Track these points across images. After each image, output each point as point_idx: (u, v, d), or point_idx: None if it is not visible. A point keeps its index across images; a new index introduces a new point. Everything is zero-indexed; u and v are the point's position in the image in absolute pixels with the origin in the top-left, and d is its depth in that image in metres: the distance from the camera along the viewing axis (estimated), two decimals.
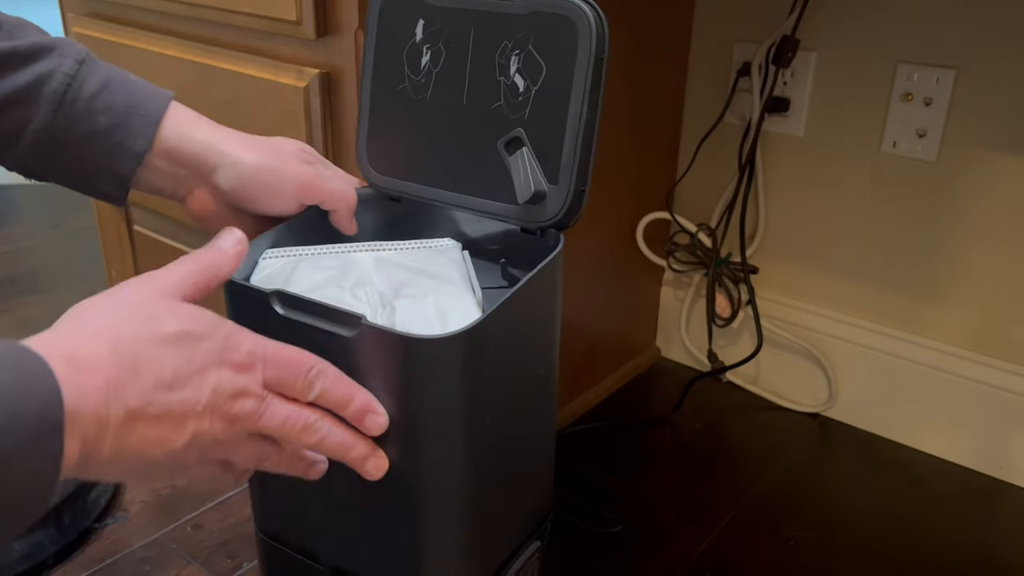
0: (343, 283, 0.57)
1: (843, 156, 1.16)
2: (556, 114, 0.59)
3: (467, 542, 0.57)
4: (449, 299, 0.57)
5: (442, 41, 0.61)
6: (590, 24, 0.58)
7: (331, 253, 0.60)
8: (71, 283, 1.68)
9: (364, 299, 0.55)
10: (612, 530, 1.03)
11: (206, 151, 0.59)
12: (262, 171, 0.60)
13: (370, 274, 0.59)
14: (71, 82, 0.54)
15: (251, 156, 0.60)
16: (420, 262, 0.61)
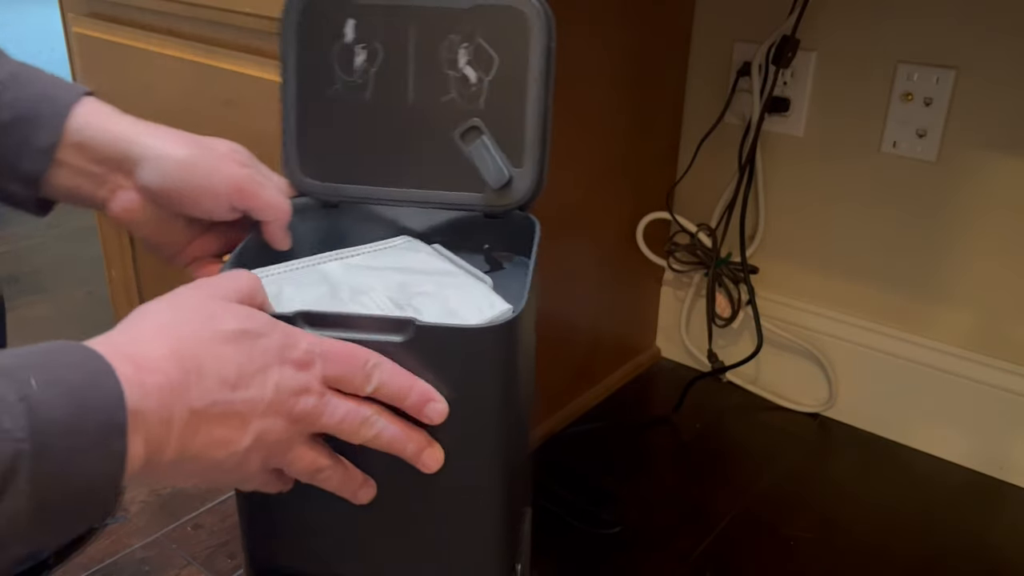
0: (339, 295, 0.55)
1: (843, 156, 1.16)
2: (514, 101, 0.61)
3: (504, 532, 0.57)
4: (465, 290, 0.56)
5: (378, 40, 0.61)
6: (540, 14, 0.59)
7: (302, 268, 0.59)
8: (71, 283, 1.68)
9: (376, 306, 0.55)
10: (610, 531, 1.03)
11: (125, 144, 0.54)
12: (193, 168, 0.56)
13: (364, 281, 0.58)
14: None
15: (179, 150, 0.56)
16: (402, 261, 0.61)
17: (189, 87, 0.94)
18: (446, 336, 0.49)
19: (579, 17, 1.03)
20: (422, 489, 0.53)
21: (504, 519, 0.56)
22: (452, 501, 0.54)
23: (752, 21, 1.17)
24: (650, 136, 1.24)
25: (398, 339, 0.49)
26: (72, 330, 1.49)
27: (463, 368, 0.50)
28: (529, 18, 0.59)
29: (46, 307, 1.58)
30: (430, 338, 0.49)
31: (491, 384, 0.51)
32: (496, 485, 0.55)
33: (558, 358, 1.20)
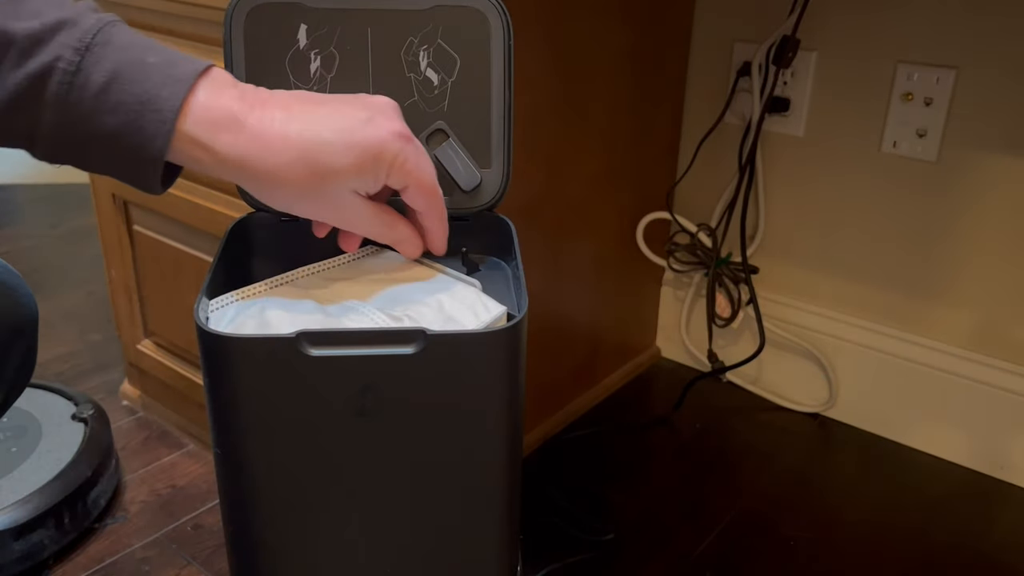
0: (329, 312, 0.54)
1: (843, 156, 1.16)
2: (478, 102, 0.60)
3: (509, 536, 0.57)
4: (456, 294, 0.56)
5: (334, 44, 0.59)
6: (499, 13, 0.58)
7: (279, 287, 0.57)
8: (71, 283, 1.68)
9: (370, 321, 0.54)
10: (603, 539, 1.03)
11: (232, 176, 0.50)
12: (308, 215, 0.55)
13: (349, 295, 0.56)
14: (72, 79, 0.46)
15: (293, 202, 0.52)
16: (380, 271, 0.60)
17: None
18: (456, 344, 0.49)
19: (579, 17, 1.03)
20: (428, 494, 0.53)
21: (510, 522, 0.57)
22: (458, 504, 0.54)
23: (752, 21, 1.17)
24: (650, 136, 1.24)
25: (409, 351, 0.48)
26: (72, 330, 1.49)
27: (473, 373, 0.50)
28: (489, 18, 0.59)
29: (46, 307, 1.58)
30: (440, 347, 0.49)
31: (499, 387, 0.51)
32: (503, 487, 0.55)
33: (558, 358, 1.20)
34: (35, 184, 2.21)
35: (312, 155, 0.49)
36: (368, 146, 0.50)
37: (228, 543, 0.57)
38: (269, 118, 0.49)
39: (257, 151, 0.48)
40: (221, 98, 0.48)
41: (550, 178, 1.08)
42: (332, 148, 0.49)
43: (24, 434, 1.07)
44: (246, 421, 0.50)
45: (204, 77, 0.48)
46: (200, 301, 0.52)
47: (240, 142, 0.48)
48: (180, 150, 0.48)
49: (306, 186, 0.50)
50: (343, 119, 0.50)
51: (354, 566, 0.56)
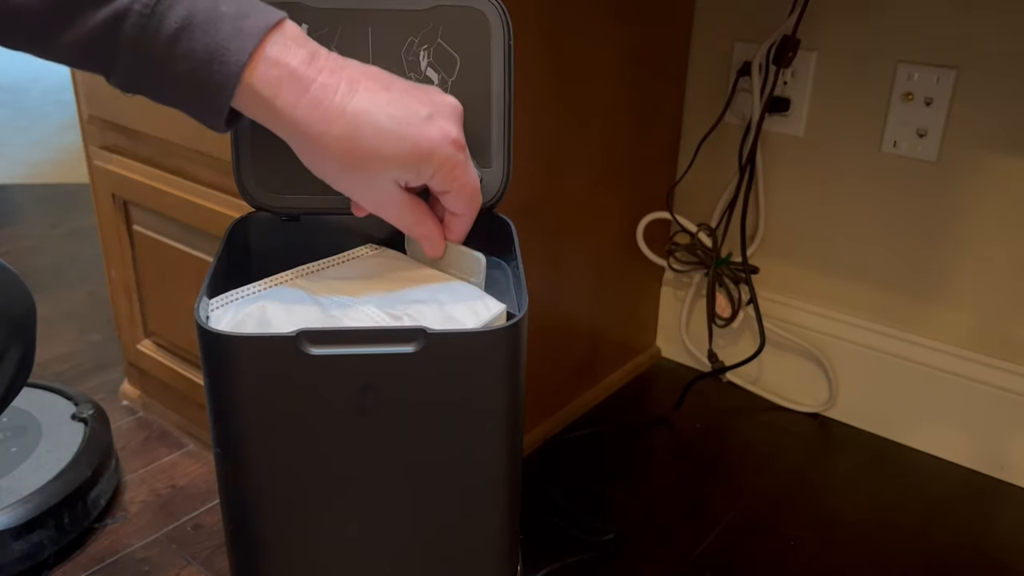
0: (328, 310, 0.54)
1: (843, 156, 1.16)
2: (478, 102, 0.60)
3: (510, 534, 0.57)
4: (456, 293, 0.56)
5: (334, 44, 0.59)
6: (499, 13, 0.58)
7: (280, 285, 0.57)
8: (71, 283, 1.68)
9: (370, 320, 0.54)
10: (603, 539, 1.03)
11: (288, 138, 0.52)
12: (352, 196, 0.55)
13: (348, 294, 0.56)
14: (147, 23, 0.46)
15: (341, 180, 0.53)
16: (379, 270, 0.60)
17: None
18: (456, 343, 0.49)
19: (579, 17, 1.03)
20: (428, 493, 0.53)
21: (510, 522, 0.57)
22: (458, 504, 0.54)
23: (752, 21, 1.17)
24: (650, 136, 1.24)
25: (409, 349, 0.49)
26: (72, 330, 1.49)
27: (474, 372, 0.50)
28: (490, 18, 0.59)
29: (46, 307, 1.58)
30: (441, 346, 0.49)
31: (500, 385, 0.51)
32: (503, 487, 0.55)
33: (558, 358, 1.20)
34: (35, 184, 2.21)
35: (362, 136, 0.50)
36: (419, 143, 0.51)
37: (228, 543, 0.57)
38: (333, 87, 0.49)
39: (312, 118, 0.49)
40: (288, 56, 0.49)
41: (550, 178, 1.08)
42: (383, 135, 0.50)
43: (24, 434, 1.07)
44: (246, 421, 0.50)
45: (275, 32, 0.48)
46: (200, 301, 0.52)
47: (299, 105, 0.49)
48: (243, 99, 0.49)
49: (348, 164, 0.51)
50: (404, 109, 0.51)
51: (354, 566, 0.56)
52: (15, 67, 3.42)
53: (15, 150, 2.46)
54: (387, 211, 0.55)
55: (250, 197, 0.60)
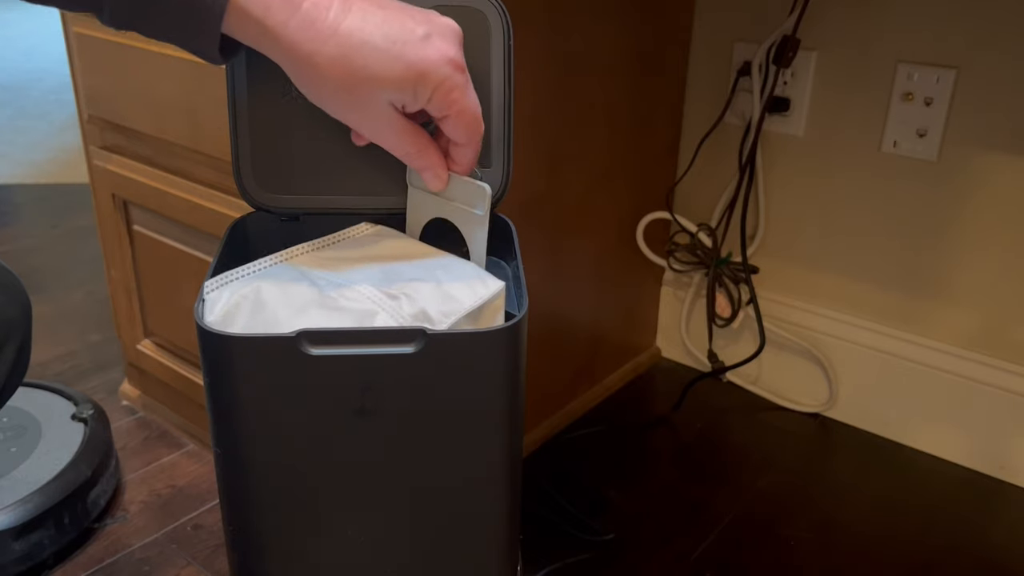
0: (326, 292, 0.53)
1: (843, 156, 1.16)
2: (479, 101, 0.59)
3: (510, 535, 0.58)
4: (454, 271, 0.55)
5: None
6: (499, 13, 0.58)
7: (275, 266, 0.56)
8: (71, 283, 1.68)
9: (367, 299, 0.53)
10: (603, 539, 1.03)
11: (277, 59, 0.50)
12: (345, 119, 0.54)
13: (344, 273, 0.55)
14: None
15: (332, 102, 0.52)
16: (376, 248, 0.59)
17: (189, 87, 0.94)
18: (456, 342, 0.49)
19: (579, 17, 1.03)
20: (428, 493, 0.53)
21: (510, 522, 0.57)
22: (458, 504, 0.54)
23: (752, 21, 1.17)
24: (650, 136, 1.24)
25: (409, 350, 0.49)
26: (72, 330, 1.49)
27: (474, 372, 0.50)
28: (490, 19, 0.59)
29: (46, 307, 1.58)
30: (441, 346, 0.49)
31: (500, 385, 0.51)
32: (503, 487, 0.55)
33: (558, 358, 1.20)
34: (35, 184, 2.21)
35: (356, 56, 0.48)
36: (415, 63, 0.49)
37: (228, 543, 0.58)
38: (325, 6, 0.48)
39: (305, 38, 0.48)
40: None
41: (550, 178, 1.08)
42: (378, 55, 0.49)
43: (24, 434, 1.07)
44: (246, 421, 0.50)
45: None
46: (199, 302, 0.52)
47: (290, 24, 0.48)
48: (233, 21, 0.48)
49: (342, 86, 0.49)
50: (399, 29, 0.49)
51: (354, 566, 0.56)
52: (15, 67, 3.43)
53: (15, 150, 2.46)
54: (385, 137, 0.53)
55: (250, 197, 0.60)
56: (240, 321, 0.51)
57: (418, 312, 0.51)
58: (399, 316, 0.51)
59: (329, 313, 0.50)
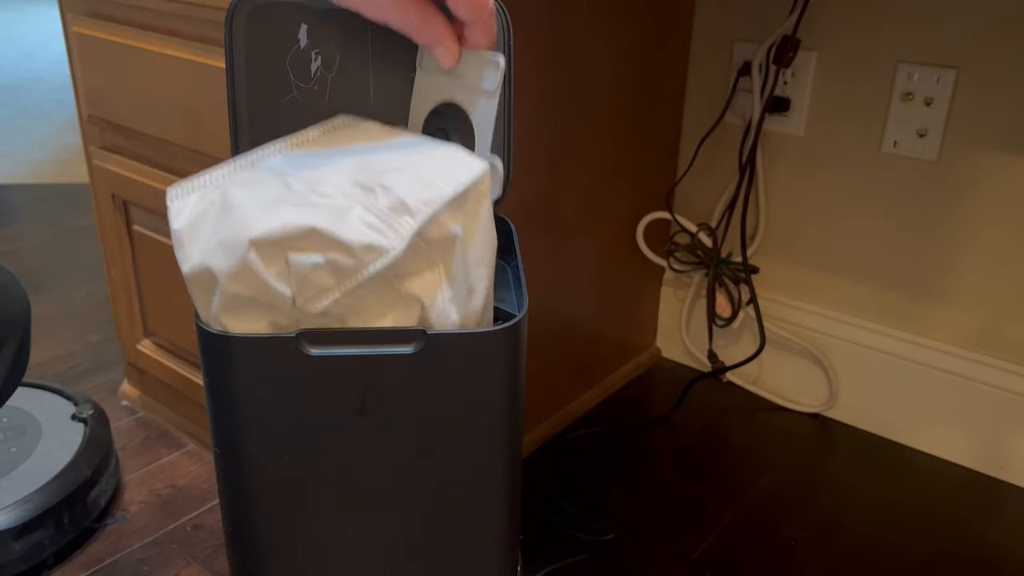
0: (294, 188, 0.50)
1: (844, 156, 1.16)
2: None
3: (510, 534, 0.57)
4: (433, 155, 0.53)
5: (334, 44, 0.59)
6: (499, 13, 0.58)
7: (244, 169, 0.53)
8: (71, 283, 1.68)
9: (340, 194, 0.50)
10: (603, 539, 1.03)
11: None
12: None
13: (317, 170, 0.52)
14: None
15: None
16: (351, 141, 0.56)
17: (189, 87, 0.94)
18: (456, 342, 0.49)
19: (579, 17, 1.03)
20: (428, 493, 0.53)
21: (510, 522, 0.57)
22: (458, 504, 0.54)
23: (752, 21, 1.17)
24: (650, 136, 1.24)
25: (409, 350, 0.48)
26: (72, 330, 1.49)
27: (474, 372, 0.50)
28: None
29: (46, 307, 1.58)
30: (441, 346, 0.49)
31: (500, 385, 0.51)
32: (503, 487, 0.55)
33: (558, 358, 1.20)
34: (35, 184, 2.21)
35: None
36: None
37: (228, 543, 0.57)
38: None
39: None
40: None
41: (550, 178, 1.08)
42: None
43: (24, 434, 1.07)
44: (246, 421, 0.50)
45: None
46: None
47: None
48: None
49: None
50: None
51: (354, 566, 0.56)
52: (15, 67, 3.43)
53: (15, 150, 2.46)
54: (389, 12, 0.51)
55: None
56: (207, 227, 0.48)
57: (396, 204, 0.48)
58: (375, 210, 0.48)
59: (301, 210, 0.48)
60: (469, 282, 0.51)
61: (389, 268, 0.48)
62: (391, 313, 0.50)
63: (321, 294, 0.48)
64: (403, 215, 0.48)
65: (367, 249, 0.47)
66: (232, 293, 0.48)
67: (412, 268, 0.49)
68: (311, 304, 0.48)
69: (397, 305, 0.50)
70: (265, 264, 0.47)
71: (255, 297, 0.48)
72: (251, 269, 0.47)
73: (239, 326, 0.49)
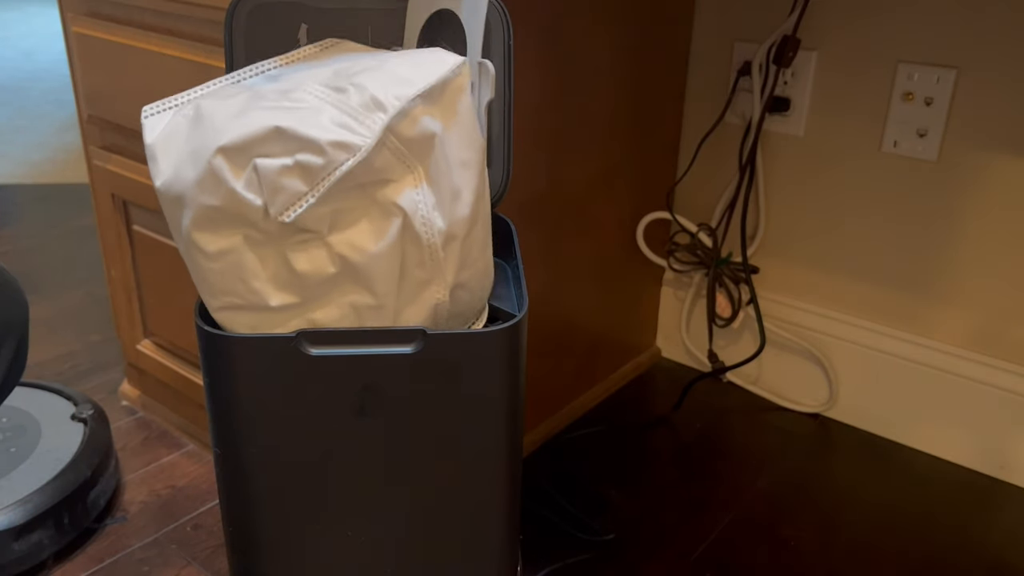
0: (267, 97, 0.48)
1: (844, 156, 1.16)
2: None
3: (510, 534, 0.58)
4: (409, 57, 0.51)
5: None
6: (499, 13, 0.58)
7: (219, 86, 0.52)
8: (71, 283, 1.68)
9: (311, 96, 0.48)
10: (603, 539, 1.03)
11: None
12: None
13: (293, 79, 0.50)
14: None
15: None
16: (333, 55, 0.55)
17: (189, 87, 0.93)
18: (456, 342, 0.49)
19: (579, 17, 1.03)
20: (428, 493, 0.53)
21: (510, 522, 0.57)
22: (458, 504, 0.54)
23: (752, 21, 1.17)
24: (650, 136, 1.24)
25: (408, 350, 0.48)
26: (71, 330, 1.49)
27: (474, 372, 0.50)
28: (489, 18, 0.59)
29: (46, 307, 1.58)
30: (440, 346, 0.49)
31: (500, 386, 0.51)
32: (503, 487, 0.55)
33: (558, 358, 1.20)
34: (35, 184, 2.21)
35: None
36: None
37: (228, 543, 0.58)
38: None
39: None
40: None
41: (550, 178, 1.08)
42: None
43: (24, 434, 1.07)
44: (246, 421, 0.50)
45: None
46: (198, 305, 0.52)
47: None
48: None
49: None
50: None
51: (354, 566, 0.56)
52: (15, 67, 3.42)
53: (15, 150, 2.46)
54: None
55: None
56: (179, 140, 0.47)
57: (367, 100, 0.46)
58: (346, 108, 0.46)
59: (271, 113, 0.46)
60: (453, 186, 0.48)
61: (362, 169, 0.45)
62: (368, 222, 0.47)
63: (293, 200, 0.46)
64: (375, 111, 0.46)
65: (336, 146, 0.45)
66: (202, 205, 0.46)
67: (389, 173, 0.47)
68: (285, 212, 0.46)
69: (375, 214, 0.47)
70: (233, 169, 0.45)
71: (224, 207, 0.46)
72: (217, 175, 0.46)
73: (212, 243, 0.47)
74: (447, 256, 0.49)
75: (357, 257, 0.47)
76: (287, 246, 0.47)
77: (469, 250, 0.51)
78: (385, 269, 0.48)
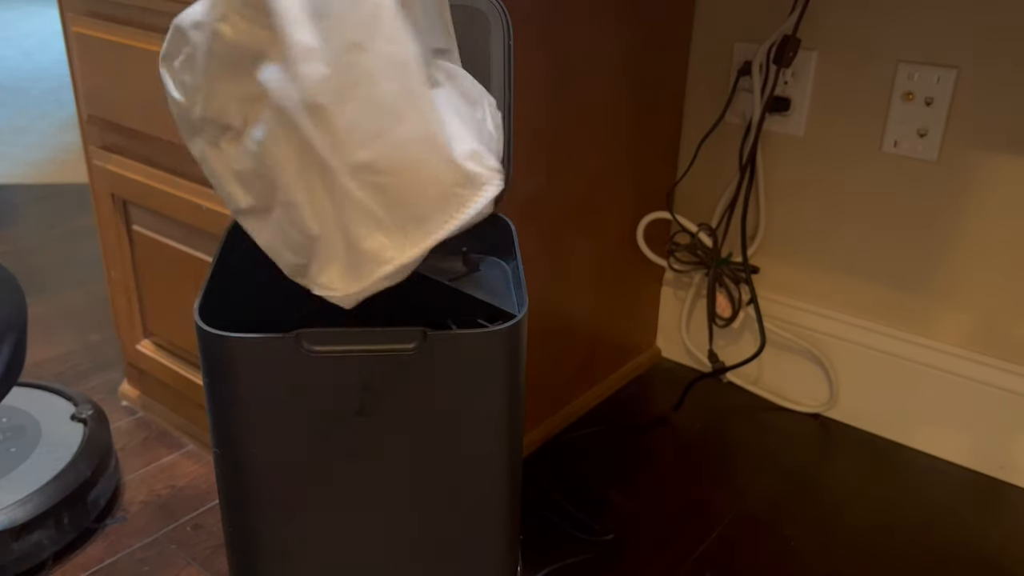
0: None
1: (844, 156, 1.16)
2: None
3: (510, 534, 0.58)
4: None
5: None
6: (499, 13, 0.58)
7: None
8: (71, 283, 1.68)
9: None
10: (603, 539, 1.03)
11: None
12: None
13: None
14: None
15: None
16: None
17: None
18: (456, 342, 0.49)
19: (579, 17, 1.02)
20: (428, 493, 0.53)
21: (510, 522, 0.57)
22: (458, 504, 0.54)
23: (753, 21, 1.17)
24: (650, 136, 1.24)
25: (407, 350, 0.49)
26: (71, 330, 1.49)
27: (473, 372, 0.50)
28: (490, 18, 0.58)
29: (45, 307, 1.58)
30: (440, 346, 0.49)
31: (500, 385, 0.51)
32: (503, 487, 0.55)
33: (558, 358, 1.20)
34: (35, 184, 2.21)
35: None
36: None
37: (228, 543, 0.58)
38: None
39: None
40: None
41: (550, 178, 1.08)
42: None
43: (23, 434, 1.07)
44: (246, 421, 0.50)
45: None
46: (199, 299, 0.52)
47: None
48: None
49: None
50: None
51: (354, 566, 0.56)
52: (15, 67, 3.42)
53: (15, 150, 2.46)
54: None
55: None
56: None
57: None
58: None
59: None
60: (304, 42, 0.41)
61: (221, 45, 0.45)
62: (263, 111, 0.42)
63: (195, 93, 0.47)
64: None
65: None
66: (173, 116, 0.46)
67: (252, 44, 0.44)
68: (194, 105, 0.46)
69: (261, 100, 0.43)
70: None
71: (177, 115, 0.48)
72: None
73: (194, 148, 0.48)
74: (318, 130, 0.40)
75: (254, 147, 0.42)
76: (224, 145, 0.45)
77: (358, 120, 0.39)
78: (277, 157, 0.41)
